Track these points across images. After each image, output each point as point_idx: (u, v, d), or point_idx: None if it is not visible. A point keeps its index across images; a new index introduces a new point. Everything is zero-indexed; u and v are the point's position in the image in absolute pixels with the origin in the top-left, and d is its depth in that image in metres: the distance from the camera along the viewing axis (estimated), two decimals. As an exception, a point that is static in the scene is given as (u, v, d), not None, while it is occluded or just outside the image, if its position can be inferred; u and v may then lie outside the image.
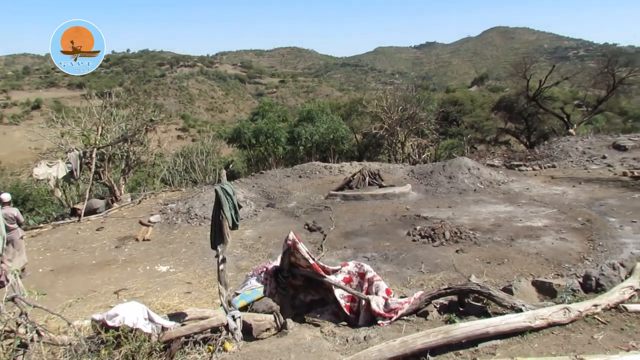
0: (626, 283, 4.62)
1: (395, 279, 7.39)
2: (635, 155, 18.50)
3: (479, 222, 10.40)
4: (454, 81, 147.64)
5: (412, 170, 16.04)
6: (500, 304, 4.38)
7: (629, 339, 3.86)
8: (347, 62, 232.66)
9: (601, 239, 8.83)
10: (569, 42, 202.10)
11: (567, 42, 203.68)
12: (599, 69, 28.41)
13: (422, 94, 29.13)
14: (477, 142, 31.20)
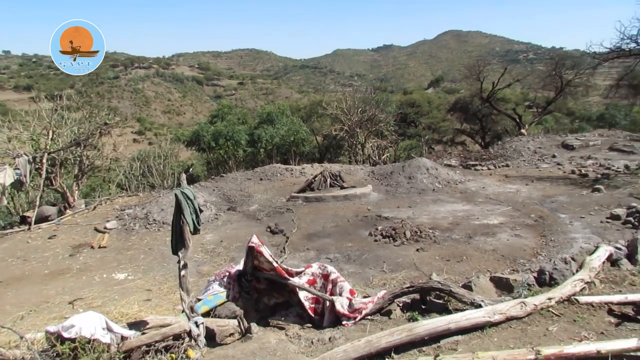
0: (577, 276, 4.84)
1: (358, 279, 7.44)
2: (582, 154, 19.45)
3: (438, 221, 10.63)
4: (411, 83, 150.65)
5: (373, 171, 16.23)
6: (460, 300, 4.49)
7: (581, 329, 4.04)
8: (306, 64, 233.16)
9: (553, 234, 9.20)
10: (519, 46, 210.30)
11: (517, 45, 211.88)
12: (547, 72, 29.71)
13: (380, 95, 29.55)
14: (435, 143, 31.96)
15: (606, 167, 16.50)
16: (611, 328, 4.07)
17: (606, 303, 4.42)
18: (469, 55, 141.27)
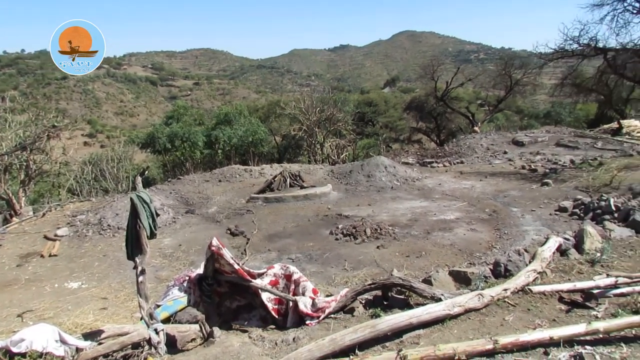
0: (530, 267, 5.05)
1: (320, 279, 7.46)
2: (531, 150, 20.28)
3: (397, 218, 10.81)
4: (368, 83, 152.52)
5: (332, 170, 16.32)
6: (421, 295, 4.58)
7: (535, 318, 4.22)
8: (263, 64, 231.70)
9: (506, 227, 9.54)
10: (470, 46, 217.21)
11: (469, 46, 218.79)
12: (497, 71, 30.83)
13: (338, 95, 29.80)
14: (392, 141, 32.53)
15: (553, 162, 17.29)
16: (562, 315, 4.27)
17: (557, 291, 4.63)
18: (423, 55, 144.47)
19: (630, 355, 3.51)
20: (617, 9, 17.46)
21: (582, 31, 17.78)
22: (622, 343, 3.66)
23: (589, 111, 34.74)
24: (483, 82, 34.24)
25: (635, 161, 15.39)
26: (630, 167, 14.09)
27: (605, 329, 3.64)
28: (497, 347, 3.50)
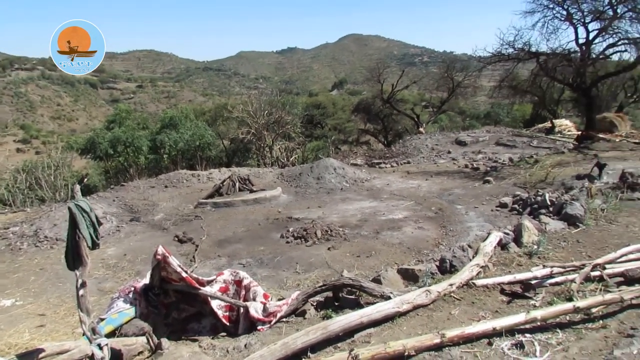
0: (474, 262, 5.25)
1: (272, 283, 7.40)
2: (473, 149, 21.14)
3: (347, 219, 10.92)
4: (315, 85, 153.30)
5: (282, 173, 16.29)
6: (371, 294, 4.66)
7: (479, 310, 4.39)
8: (210, 66, 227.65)
9: (451, 224, 9.87)
10: (414, 50, 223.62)
11: (413, 49, 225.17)
12: (440, 74, 31.98)
13: (286, 98, 29.77)
14: (341, 143, 32.91)
15: (494, 161, 18.12)
16: (504, 306, 4.47)
17: (499, 284, 4.85)
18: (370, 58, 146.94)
19: (565, 340, 3.73)
20: (547, 16, 18.59)
21: (516, 36, 18.80)
22: (558, 329, 3.89)
23: (524, 111, 36.69)
24: (427, 84, 35.42)
25: (567, 158, 16.37)
26: (562, 163, 14.98)
27: (542, 317, 3.84)
28: (445, 341, 3.61)
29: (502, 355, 3.53)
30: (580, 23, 18.53)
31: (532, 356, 3.50)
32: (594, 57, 19.16)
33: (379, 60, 36.23)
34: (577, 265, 4.94)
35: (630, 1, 17.46)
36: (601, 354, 3.50)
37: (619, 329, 3.89)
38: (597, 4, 18.19)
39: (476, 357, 3.53)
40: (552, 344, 3.68)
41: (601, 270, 4.83)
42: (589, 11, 18.33)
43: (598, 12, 18.19)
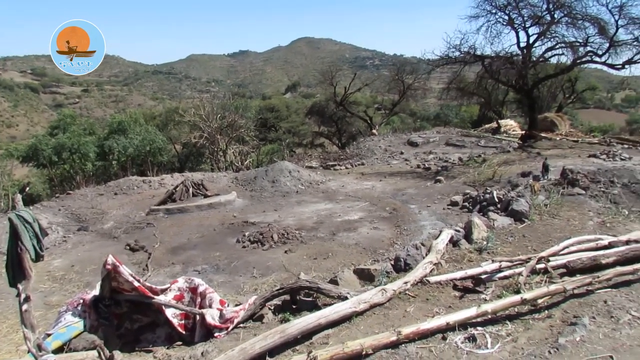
0: (427, 259, 5.39)
1: (229, 288, 7.29)
2: (424, 150, 21.69)
3: (304, 222, 10.93)
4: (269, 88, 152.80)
5: (236, 177, 16.09)
6: (328, 295, 4.68)
7: (433, 306, 4.51)
8: (159, 69, 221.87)
9: (405, 224, 10.07)
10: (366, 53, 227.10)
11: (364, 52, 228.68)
12: (391, 77, 32.64)
13: (239, 101, 29.49)
14: (295, 146, 32.93)
15: (444, 160, 18.67)
16: (456, 301, 4.62)
17: (451, 280, 5.00)
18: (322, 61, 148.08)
19: (514, 330, 3.90)
20: (490, 21, 19.37)
21: (462, 40, 19.46)
22: (507, 321, 4.06)
23: (472, 113, 38.07)
24: (379, 87, 36.06)
25: (512, 157, 17.11)
26: (508, 162, 15.64)
27: (492, 310, 4.00)
28: (401, 338, 3.68)
29: (455, 349, 3.64)
30: (521, 28, 19.44)
31: (484, 348, 3.63)
32: (535, 60, 20.15)
33: (332, 64, 36.63)
34: (524, 259, 5.17)
35: (565, 7, 18.49)
36: (547, 342, 3.68)
37: (563, 317, 4.11)
38: (536, 9, 19.13)
39: (431, 352, 3.63)
40: (502, 335, 3.84)
41: (545, 263, 5.07)
42: (528, 16, 19.26)
43: (537, 17, 19.14)
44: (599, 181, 10.52)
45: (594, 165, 13.24)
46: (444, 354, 3.58)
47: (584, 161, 14.77)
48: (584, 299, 4.42)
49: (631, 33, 17.53)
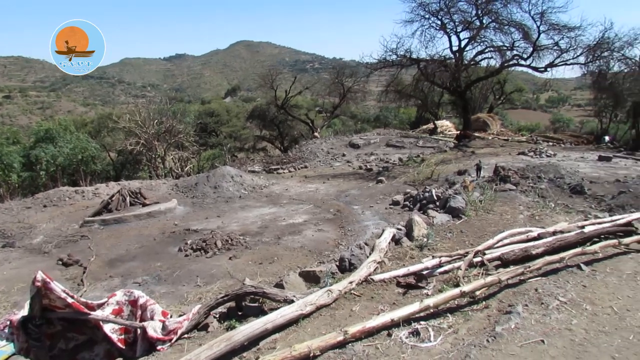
0: (371, 258, 5.49)
1: (172, 299, 7.07)
2: (366, 151, 22.13)
3: (248, 227, 10.81)
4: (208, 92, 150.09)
5: (177, 184, 15.62)
6: (274, 299, 4.64)
7: (378, 304, 4.59)
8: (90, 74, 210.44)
9: (350, 224, 10.22)
10: (306, 56, 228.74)
11: (304, 56, 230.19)
12: (331, 80, 33.10)
13: (177, 106, 28.73)
14: (237, 151, 32.57)
15: (385, 161, 19.16)
16: (400, 298, 4.73)
17: (394, 277, 5.12)
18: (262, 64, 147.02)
19: (455, 322, 4.05)
20: (424, 26, 20.18)
21: (398, 44, 20.15)
22: (449, 313, 4.21)
23: (410, 114, 39.34)
24: (319, 90, 36.41)
25: (449, 156, 17.86)
26: (445, 161, 16.31)
27: (434, 304, 4.13)
28: (348, 337, 3.71)
29: (400, 345, 3.72)
30: (453, 32, 20.42)
31: (427, 341, 3.74)
32: (467, 63, 21.19)
33: (271, 67, 36.56)
34: (462, 253, 5.39)
35: (493, 13, 19.61)
36: (485, 331, 3.85)
37: (499, 307, 4.33)
38: (466, 15, 20.17)
39: (377, 349, 3.69)
40: (444, 327, 3.98)
41: (482, 256, 5.32)
42: (459, 22, 20.28)
43: (467, 22, 20.18)
44: (528, 177, 11.22)
45: (523, 162, 14.12)
46: (390, 350, 3.66)
47: (514, 158, 15.69)
48: (517, 288, 4.67)
49: (552, 38, 18.93)
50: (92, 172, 21.93)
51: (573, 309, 4.22)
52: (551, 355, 3.49)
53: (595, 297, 4.47)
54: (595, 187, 10.52)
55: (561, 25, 18.56)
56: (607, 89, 20.86)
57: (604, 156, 15.29)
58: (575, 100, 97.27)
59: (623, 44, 18.34)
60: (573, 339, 3.72)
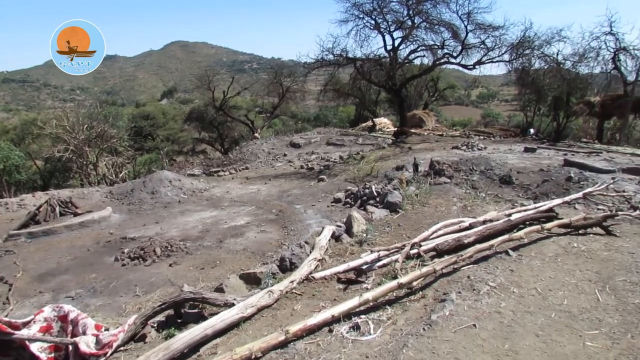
0: (311, 257, 5.53)
1: (109, 311, 6.77)
2: (307, 150, 22.24)
3: (188, 232, 10.55)
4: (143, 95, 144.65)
5: (111, 191, 14.95)
6: (214, 304, 4.56)
7: (319, 301, 4.64)
8: (11, 77, 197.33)
9: (292, 224, 10.23)
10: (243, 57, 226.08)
11: (242, 56, 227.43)
12: (270, 80, 32.97)
13: (108, 109, 27.49)
14: (176, 154, 31.74)
15: (326, 160, 19.34)
16: (341, 293, 4.80)
17: (335, 274, 5.19)
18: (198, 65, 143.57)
19: (394, 314, 4.18)
20: (358, 25, 20.55)
21: (334, 43, 20.37)
22: (387, 306, 4.33)
23: (349, 112, 39.95)
24: (258, 90, 36.19)
25: (387, 152, 18.31)
26: (384, 157, 16.70)
27: (373, 297, 4.23)
28: (289, 337, 3.72)
29: (341, 339, 3.78)
30: (386, 32, 20.93)
31: (368, 334, 3.83)
32: (401, 62, 21.80)
33: (208, 68, 35.83)
34: (399, 246, 5.55)
35: (423, 13, 20.32)
36: (422, 320, 4.00)
37: (435, 296, 4.51)
38: (398, 15, 20.74)
39: (319, 345, 3.73)
40: (384, 319, 4.09)
41: (418, 248, 5.50)
42: (392, 21, 20.83)
43: (400, 22, 20.77)
44: (461, 170, 11.73)
45: (457, 155, 14.73)
46: (331, 346, 3.71)
47: (448, 153, 16.34)
48: (452, 276, 4.89)
49: (478, 37, 19.89)
50: (17, 182, 20.56)
51: (502, 292, 4.48)
52: (482, 337, 3.69)
53: (522, 280, 4.76)
54: (522, 177, 11.17)
55: (486, 25, 19.56)
56: (529, 84, 22.18)
57: (529, 148, 16.25)
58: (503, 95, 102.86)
59: (542, 43, 19.63)
60: (502, 320, 3.95)
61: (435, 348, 3.55)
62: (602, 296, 4.38)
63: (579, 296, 4.41)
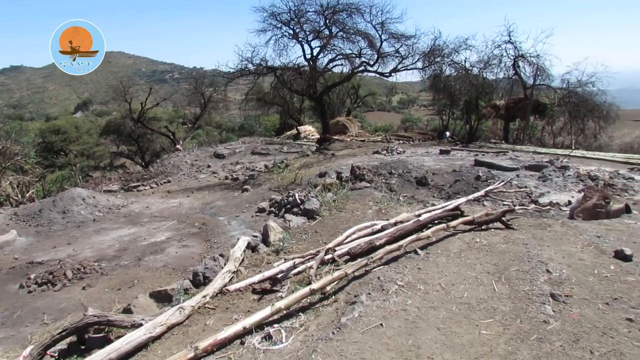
0: (225, 269, 5.49)
1: (12, 344, 6.25)
2: (232, 161, 21.98)
3: (104, 251, 10.03)
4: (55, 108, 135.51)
5: (16, 212, 13.82)
6: (121, 326, 4.39)
7: (233, 314, 4.61)
8: None
9: (215, 237, 10.04)
10: (164, 66, 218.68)
11: (162, 66, 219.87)
12: (191, 90, 32.28)
13: (11, 124, 25.46)
14: (92, 170, 30.08)
15: (251, 169, 19.23)
16: (255, 304, 4.81)
17: (250, 285, 5.19)
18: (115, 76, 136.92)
19: (306, 320, 4.25)
20: (277, 35, 20.72)
21: (253, 53, 20.35)
22: (301, 313, 4.40)
23: (274, 121, 39.97)
24: (180, 100, 35.26)
25: (311, 159, 18.55)
26: (308, 165, 16.91)
27: (286, 306, 4.28)
28: (199, 353, 3.67)
29: (253, 351, 3.79)
30: (305, 41, 21.29)
31: (280, 343, 3.87)
32: (320, 71, 22.23)
33: (123, 78, 34.40)
34: (314, 252, 5.66)
35: (339, 23, 20.91)
36: (332, 324, 4.11)
37: (346, 299, 4.64)
38: (315, 25, 21.17)
39: (230, 359, 3.71)
40: (296, 327, 4.15)
41: (332, 253, 5.65)
42: (310, 31, 21.22)
43: (317, 31, 21.20)
44: (381, 174, 12.17)
45: (377, 160, 15.25)
46: (242, 358, 3.70)
47: (369, 158, 16.86)
48: (363, 278, 5.06)
49: (393, 46, 20.82)
50: None
51: (409, 290, 4.71)
52: (388, 336, 3.85)
53: (428, 277, 5.03)
54: (437, 178, 11.80)
55: (399, 34, 20.54)
56: (442, 90, 23.58)
57: (444, 150, 17.19)
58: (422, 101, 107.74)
59: (451, 51, 20.97)
60: (407, 318, 4.15)
61: (344, 350, 3.66)
62: (498, 286, 4.74)
63: (478, 288, 4.74)
